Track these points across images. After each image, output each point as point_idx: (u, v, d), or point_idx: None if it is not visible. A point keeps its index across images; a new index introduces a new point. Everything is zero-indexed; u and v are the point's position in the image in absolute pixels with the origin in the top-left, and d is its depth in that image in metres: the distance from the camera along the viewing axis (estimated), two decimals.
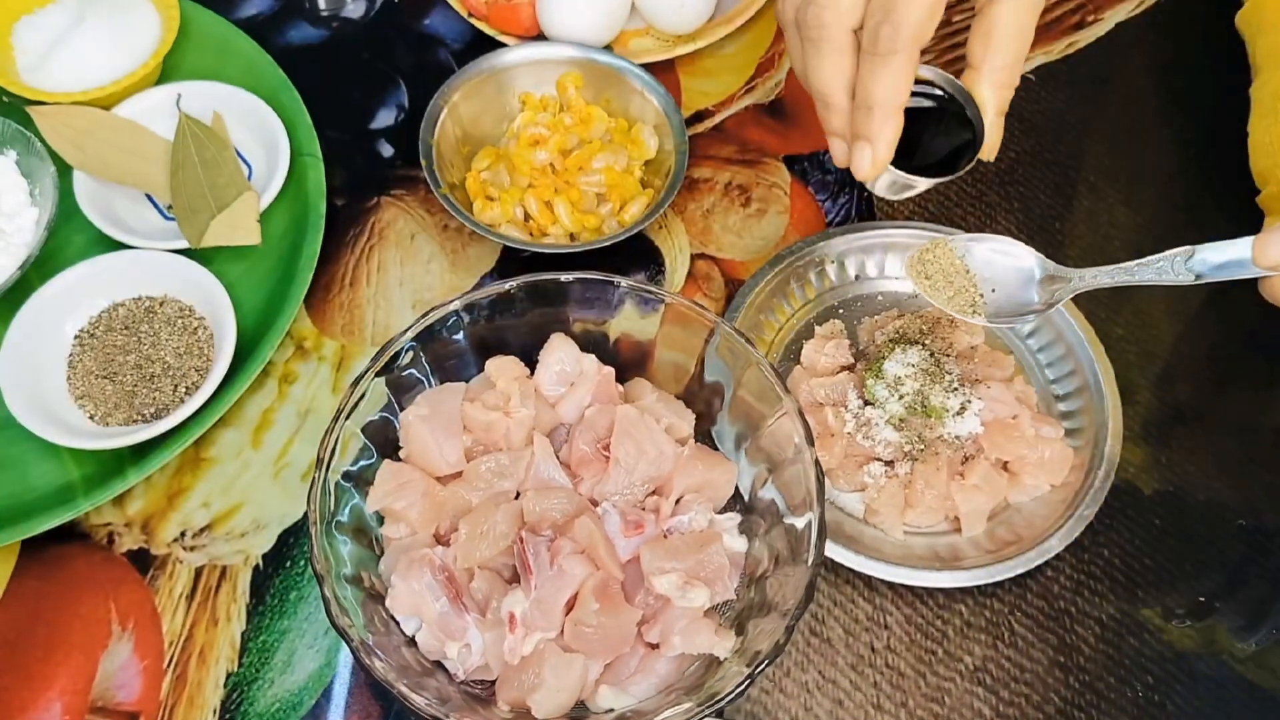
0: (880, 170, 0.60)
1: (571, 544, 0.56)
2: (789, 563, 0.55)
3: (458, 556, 0.56)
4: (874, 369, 0.66)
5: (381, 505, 0.57)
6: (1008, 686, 0.61)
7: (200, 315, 0.69)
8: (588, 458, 0.60)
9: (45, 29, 0.78)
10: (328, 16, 0.88)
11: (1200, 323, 0.74)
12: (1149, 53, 0.86)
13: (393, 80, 0.84)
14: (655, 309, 0.61)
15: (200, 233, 0.70)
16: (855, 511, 0.65)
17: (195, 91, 0.77)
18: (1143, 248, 0.77)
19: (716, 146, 0.81)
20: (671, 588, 0.55)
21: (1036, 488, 0.65)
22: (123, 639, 0.61)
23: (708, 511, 0.59)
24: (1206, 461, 0.68)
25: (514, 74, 0.78)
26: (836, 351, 0.68)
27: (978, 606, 0.63)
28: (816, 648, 0.62)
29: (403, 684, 0.50)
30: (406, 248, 0.76)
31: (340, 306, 0.73)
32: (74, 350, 0.68)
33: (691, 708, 0.50)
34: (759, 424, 0.59)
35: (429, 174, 0.72)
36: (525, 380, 0.62)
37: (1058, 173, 0.80)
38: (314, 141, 0.76)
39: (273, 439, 0.68)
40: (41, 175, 0.71)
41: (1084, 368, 0.68)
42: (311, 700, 0.60)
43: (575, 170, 0.74)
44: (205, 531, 0.65)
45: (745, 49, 0.87)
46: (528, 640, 0.53)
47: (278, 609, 0.62)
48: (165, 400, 0.66)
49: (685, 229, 0.77)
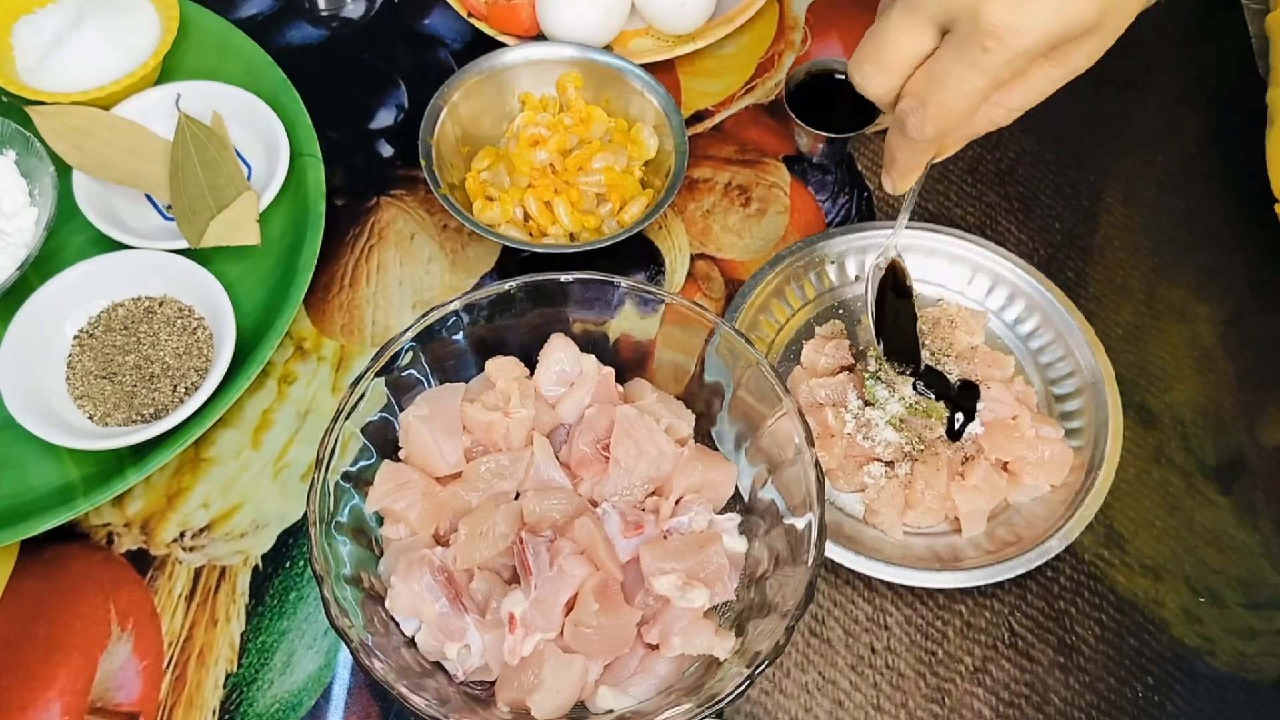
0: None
1: (571, 544, 0.56)
2: (789, 563, 0.54)
3: (457, 557, 0.56)
4: (873, 369, 0.66)
5: (381, 506, 0.57)
6: (1008, 687, 0.61)
7: (200, 315, 0.69)
8: (588, 458, 0.60)
9: (45, 29, 0.78)
10: (328, 16, 0.88)
11: (1200, 323, 0.73)
12: (1151, 52, 0.87)
13: (393, 80, 0.84)
14: (655, 309, 0.61)
15: (200, 233, 0.70)
16: (855, 512, 0.65)
17: (195, 91, 0.77)
18: (1143, 247, 0.77)
19: (716, 146, 0.81)
20: (671, 588, 0.55)
21: (1036, 488, 0.65)
22: (122, 639, 0.61)
23: (708, 512, 0.59)
24: (1203, 464, 0.68)
25: (514, 74, 0.78)
26: (836, 351, 0.68)
27: (978, 607, 0.63)
28: (816, 648, 0.62)
29: (402, 685, 0.50)
30: (406, 248, 0.76)
31: (340, 306, 0.73)
32: (73, 350, 0.68)
33: (691, 708, 0.50)
34: (759, 424, 0.59)
35: (429, 174, 0.72)
36: (525, 380, 0.62)
37: (1057, 173, 0.80)
38: (314, 141, 0.76)
39: (272, 439, 0.68)
40: (41, 175, 0.71)
41: (1084, 368, 0.68)
42: (311, 701, 0.60)
43: (575, 170, 0.74)
44: (205, 532, 0.65)
45: (745, 49, 0.87)
46: (527, 641, 0.53)
47: (277, 610, 0.62)
48: (165, 400, 0.66)
49: (685, 229, 0.77)
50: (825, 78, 0.79)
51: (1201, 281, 0.75)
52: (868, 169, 0.80)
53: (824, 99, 0.78)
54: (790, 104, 0.77)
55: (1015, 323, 0.71)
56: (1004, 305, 0.72)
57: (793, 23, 0.88)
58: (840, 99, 0.78)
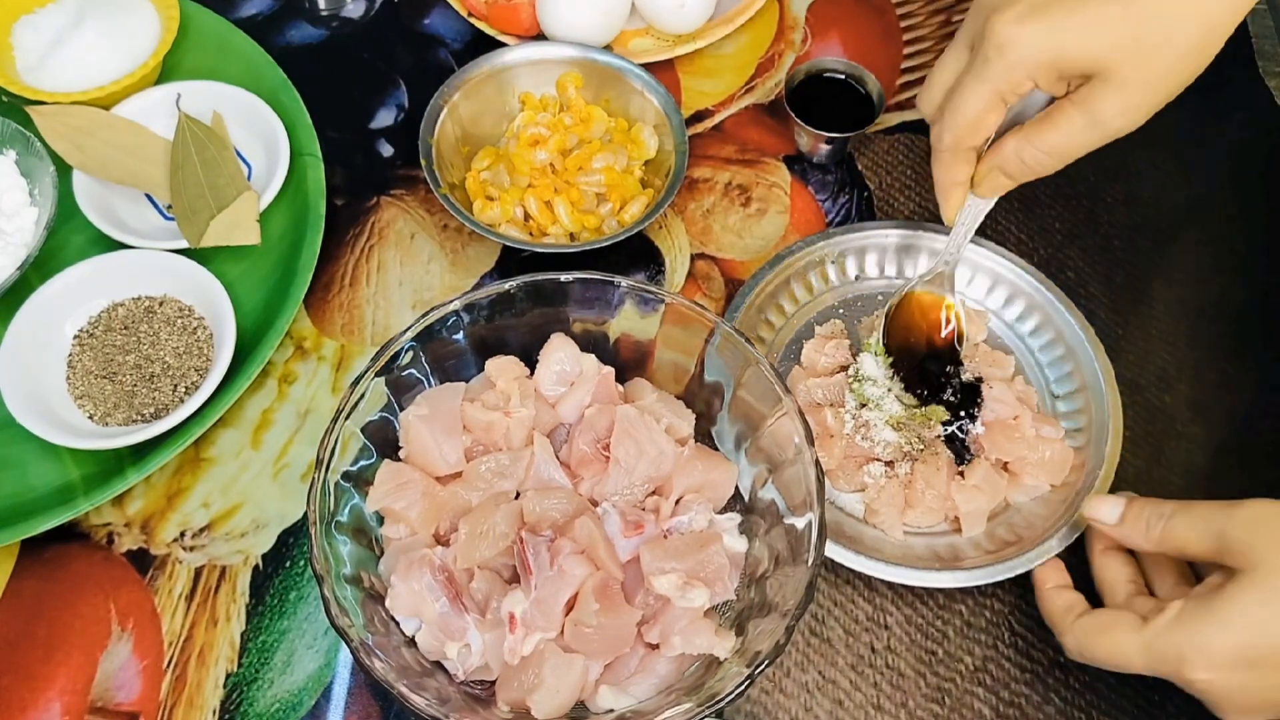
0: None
1: (571, 544, 0.56)
2: (789, 563, 0.54)
3: (458, 557, 0.56)
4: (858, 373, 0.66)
5: (381, 505, 0.57)
6: (1008, 687, 0.61)
7: (200, 315, 0.69)
8: (588, 458, 0.60)
9: (45, 29, 0.78)
10: (328, 16, 0.88)
11: (1200, 323, 0.73)
12: None
13: (393, 80, 0.84)
14: (655, 309, 0.61)
15: (200, 232, 0.70)
16: (855, 511, 0.65)
17: (195, 91, 0.77)
18: (1143, 247, 0.77)
19: (716, 146, 0.81)
20: (671, 588, 0.55)
21: (1036, 488, 0.65)
22: (122, 639, 0.61)
23: (708, 511, 0.59)
24: (1207, 461, 0.68)
25: (514, 74, 0.78)
26: (836, 351, 0.68)
27: (978, 607, 0.63)
28: (816, 648, 0.62)
29: (402, 684, 0.50)
30: (406, 247, 0.76)
31: (340, 306, 0.73)
32: (73, 350, 0.68)
33: (691, 708, 0.50)
34: (759, 424, 0.59)
35: (429, 174, 0.72)
36: (525, 380, 0.62)
37: (1057, 173, 0.80)
38: (314, 141, 0.76)
39: (272, 439, 0.68)
40: (41, 175, 0.71)
41: (1084, 368, 0.68)
42: (311, 701, 0.60)
43: (575, 170, 0.74)
44: (205, 532, 0.65)
45: (745, 49, 0.87)
46: (528, 640, 0.53)
47: (277, 609, 0.62)
48: (165, 400, 0.66)
49: (685, 229, 0.77)
50: (825, 78, 0.79)
51: (1202, 281, 0.75)
52: (868, 169, 0.80)
53: (824, 99, 0.78)
54: (790, 104, 0.77)
55: (1015, 322, 0.71)
56: (1004, 304, 0.72)
57: (793, 23, 0.88)
58: (840, 99, 0.79)
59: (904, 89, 0.85)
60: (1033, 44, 0.54)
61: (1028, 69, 0.55)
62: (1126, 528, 0.57)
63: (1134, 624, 0.53)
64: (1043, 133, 0.58)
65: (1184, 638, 0.50)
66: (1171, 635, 0.50)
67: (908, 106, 0.83)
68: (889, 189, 0.79)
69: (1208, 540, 0.52)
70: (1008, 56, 0.55)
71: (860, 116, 0.77)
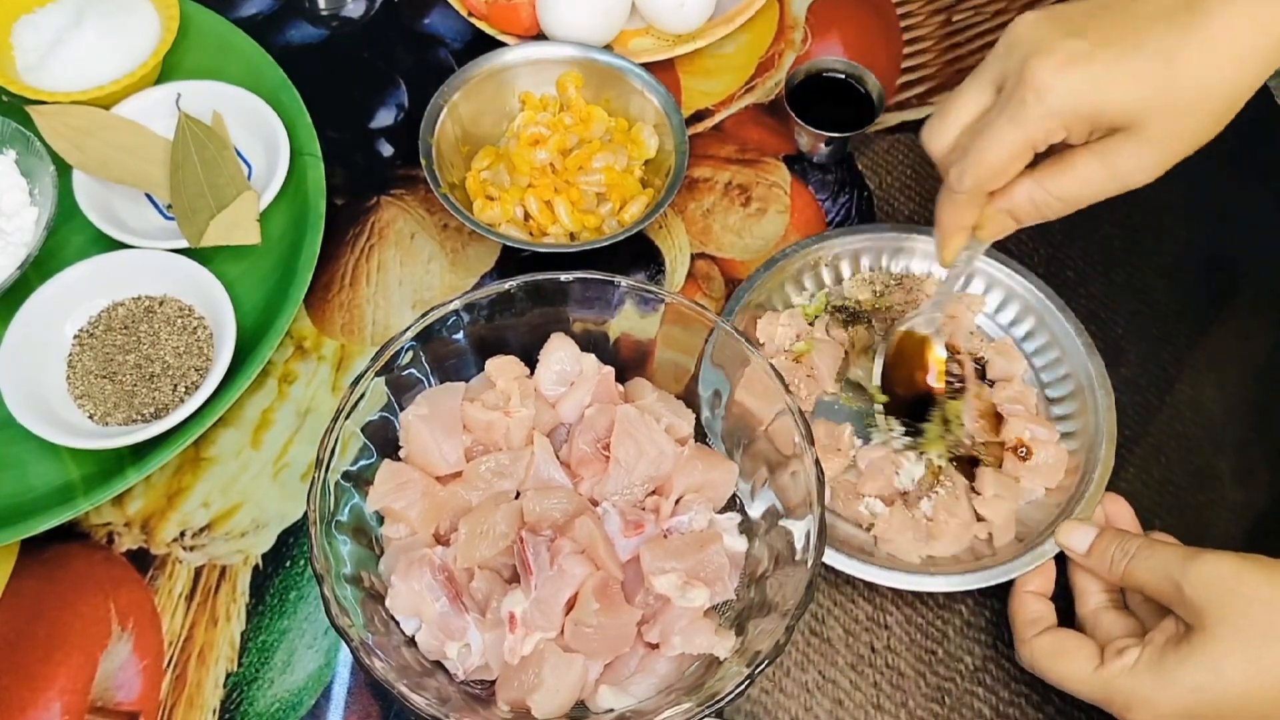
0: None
1: (571, 544, 0.56)
2: (789, 563, 0.55)
3: (458, 556, 0.56)
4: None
5: (381, 505, 0.57)
6: (1008, 686, 0.61)
7: (200, 315, 0.69)
8: (588, 458, 0.60)
9: (45, 29, 0.78)
10: (328, 16, 0.88)
11: (1198, 325, 0.74)
12: None
13: (393, 80, 0.84)
14: (655, 309, 0.61)
15: (200, 232, 0.70)
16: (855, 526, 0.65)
17: (195, 91, 0.77)
18: (1143, 247, 0.77)
19: (716, 146, 0.81)
20: (671, 588, 0.55)
21: (1033, 491, 0.65)
22: (122, 639, 0.61)
23: (708, 511, 0.59)
24: (1207, 461, 0.68)
25: (514, 74, 0.78)
26: (791, 321, 0.69)
27: (978, 607, 0.63)
28: (816, 648, 0.62)
29: (402, 684, 0.50)
30: (406, 247, 0.76)
31: (340, 306, 0.73)
32: (73, 350, 0.68)
33: (691, 708, 0.50)
34: (757, 425, 0.59)
35: (429, 173, 0.72)
36: (525, 380, 0.62)
37: None
38: (314, 141, 0.76)
39: (272, 439, 0.68)
40: (41, 175, 0.71)
41: (1078, 371, 0.68)
42: (311, 700, 0.60)
43: (575, 170, 0.74)
44: (205, 531, 0.65)
45: (745, 49, 0.87)
46: (528, 640, 0.53)
47: (277, 609, 0.62)
48: (165, 400, 0.66)
49: (685, 229, 0.77)
50: (825, 77, 0.79)
51: (1202, 281, 0.75)
52: (868, 169, 0.80)
53: (824, 99, 0.78)
54: (790, 103, 0.78)
55: (1010, 325, 0.71)
56: (999, 308, 0.72)
57: (793, 22, 0.88)
58: (840, 99, 0.79)
59: (904, 89, 0.85)
60: (1073, 94, 0.52)
61: (1064, 118, 0.53)
62: (1094, 559, 0.59)
63: (1090, 658, 0.55)
64: (1058, 179, 0.56)
65: (1133, 687, 0.53)
66: (1123, 682, 0.53)
67: (908, 106, 0.83)
68: (889, 189, 0.79)
69: (1165, 587, 0.54)
70: (1046, 103, 0.52)
71: (860, 116, 0.77)
